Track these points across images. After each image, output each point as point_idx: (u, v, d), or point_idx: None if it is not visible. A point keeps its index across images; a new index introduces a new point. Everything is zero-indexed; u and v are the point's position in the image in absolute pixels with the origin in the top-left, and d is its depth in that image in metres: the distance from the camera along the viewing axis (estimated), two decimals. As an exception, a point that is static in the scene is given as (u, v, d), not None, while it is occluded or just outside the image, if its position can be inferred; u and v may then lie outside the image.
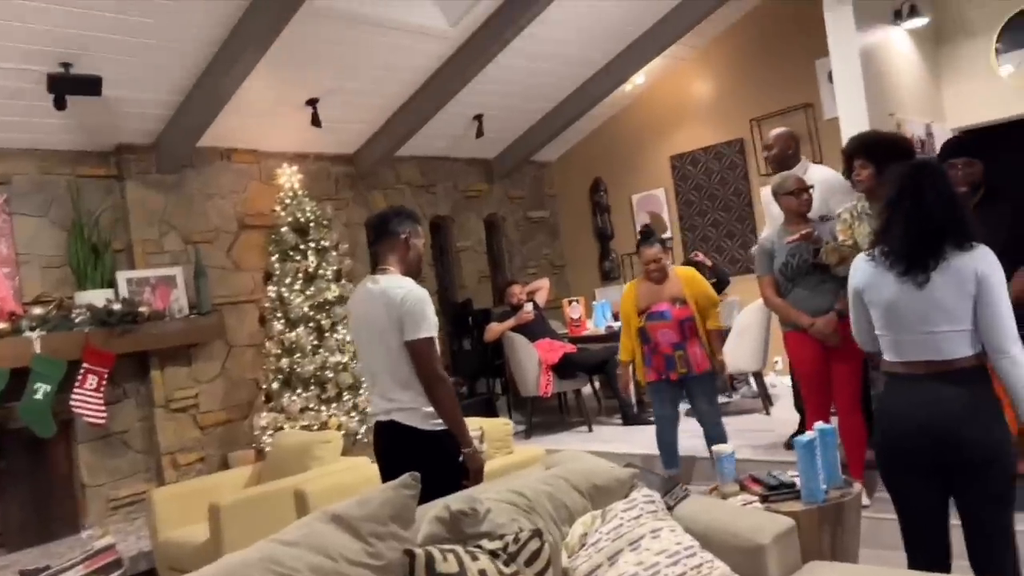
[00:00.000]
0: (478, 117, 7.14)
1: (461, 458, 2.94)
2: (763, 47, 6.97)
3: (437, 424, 2.94)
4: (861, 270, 2.49)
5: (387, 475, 2.94)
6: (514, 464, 3.85)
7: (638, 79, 7.40)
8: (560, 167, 8.78)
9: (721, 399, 5.53)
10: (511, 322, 6.38)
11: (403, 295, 2.89)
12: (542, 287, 7.02)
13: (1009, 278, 3.21)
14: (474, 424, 4.04)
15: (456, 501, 2.20)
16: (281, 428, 5.43)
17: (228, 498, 4.00)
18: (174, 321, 5.49)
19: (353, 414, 5.66)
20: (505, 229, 8.35)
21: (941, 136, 6.15)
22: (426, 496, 2.34)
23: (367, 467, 4.18)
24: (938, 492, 2.40)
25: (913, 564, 2.51)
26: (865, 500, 3.86)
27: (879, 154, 3.69)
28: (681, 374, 4.42)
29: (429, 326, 2.89)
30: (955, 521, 2.47)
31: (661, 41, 6.73)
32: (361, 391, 5.79)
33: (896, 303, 2.36)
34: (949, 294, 2.28)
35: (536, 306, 6.65)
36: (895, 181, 2.44)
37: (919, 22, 5.85)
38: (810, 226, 3.92)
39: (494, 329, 6.42)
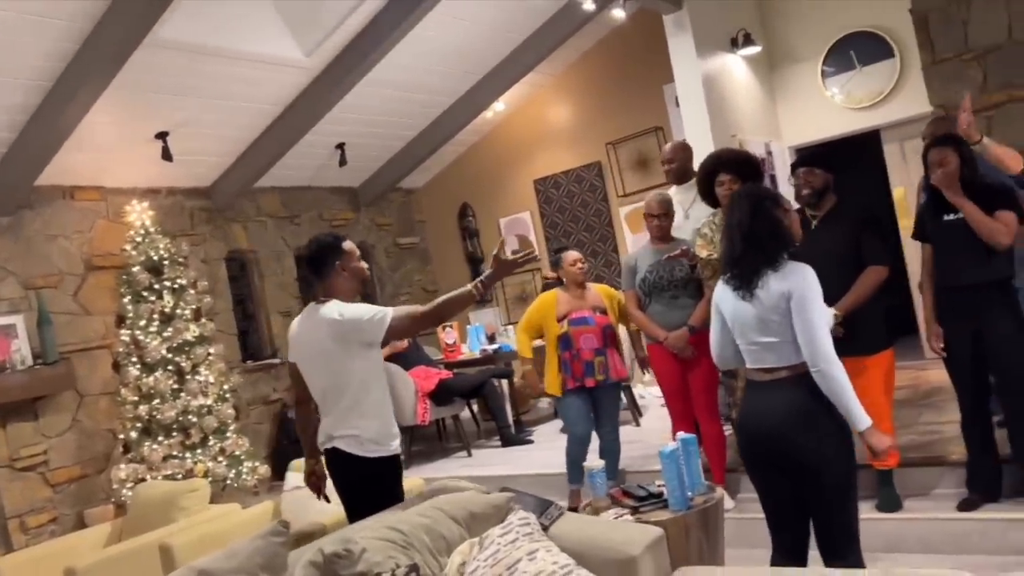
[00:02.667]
0: (340, 146, 7.07)
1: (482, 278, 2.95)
2: (615, 74, 7.27)
3: (377, 450, 2.99)
4: (719, 285, 2.70)
5: (343, 501, 3.12)
6: (392, 497, 3.80)
7: (498, 106, 7.56)
8: (428, 193, 8.80)
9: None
10: (385, 351, 6.27)
11: (339, 315, 2.95)
12: None
13: (833, 290, 3.50)
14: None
15: (329, 543, 2.16)
16: (143, 479, 5.13)
17: (86, 560, 3.73)
18: (15, 373, 5.09)
19: (221, 459, 5.43)
20: (375, 257, 8.27)
21: (779, 154, 6.63)
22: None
23: (238, 514, 4.02)
24: (789, 487, 2.57)
25: (776, 548, 2.71)
26: (730, 503, 4.07)
27: (742, 168, 3.98)
28: (599, 380, 4.36)
29: (375, 316, 2.91)
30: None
31: (518, 69, 6.91)
32: (228, 434, 5.56)
33: (736, 315, 2.59)
34: (767, 310, 2.49)
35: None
36: (728, 207, 2.66)
37: (753, 50, 6.29)
38: (684, 244, 4.12)
39: (367, 360, 6.31)
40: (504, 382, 6.56)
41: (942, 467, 3.83)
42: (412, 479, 4.67)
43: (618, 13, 5.54)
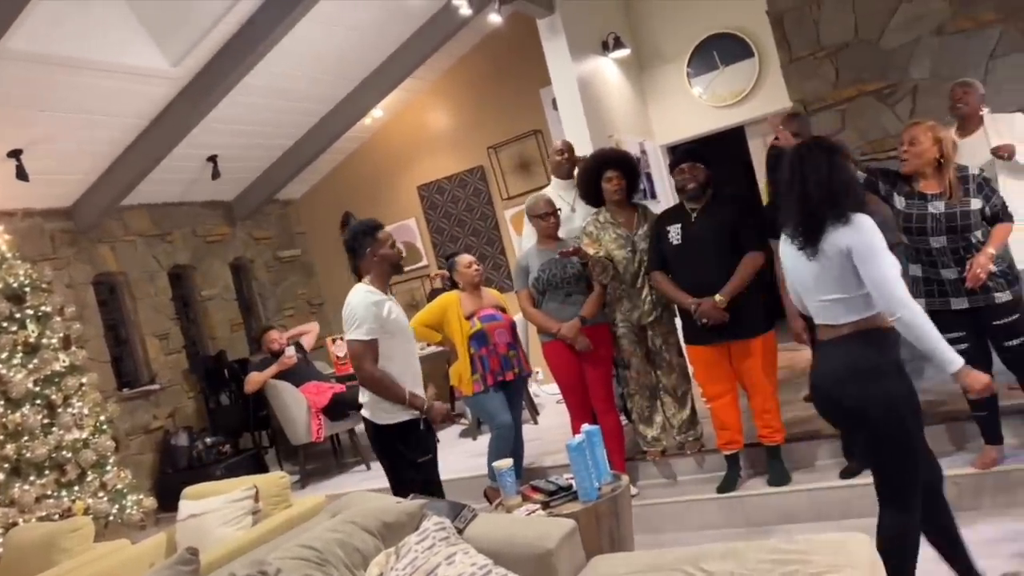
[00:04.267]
0: (212, 158, 6.80)
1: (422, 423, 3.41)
2: (492, 78, 7.34)
3: (385, 417, 3.36)
4: (782, 242, 2.63)
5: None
6: (296, 517, 3.67)
7: (377, 112, 7.47)
8: (307, 204, 8.59)
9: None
10: (273, 369, 6.11)
11: (348, 300, 3.42)
12: (310, 331, 6.79)
13: (715, 278, 3.71)
14: (247, 483, 3.85)
15: (241, 567, 2.07)
16: (14, 524, 4.73)
17: (-45, 618, 3.41)
18: None
19: (102, 494, 5.10)
20: (254, 272, 8.00)
21: (652, 152, 6.87)
22: (395, 486, 3.30)
23: (128, 550, 3.78)
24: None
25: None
26: (633, 490, 4.19)
27: (626, 165, 4.15)
28: (516, 373, 4.44)
29: (356, 329, 3.33)
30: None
31: (395, 75, 6.87)
32: (108, 467, 5.23)
33: (799, 274, 2.56)
34: (832, 266, 2.44)
35: (300, 349, 6.43)
36: (787, 165, 2.58)
37: (623, 52, 6.50)
38: (573, 242, 4.21)
39: (254, 379, 6.10)
40: (399, 391, 6.49)
41: (823, 440, 4.09)
42: (312, 497, 4.55)
43: (494, 17, 5.60)
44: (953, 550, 2.60)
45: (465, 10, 5.30)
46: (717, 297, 3.70)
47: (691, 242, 3.84)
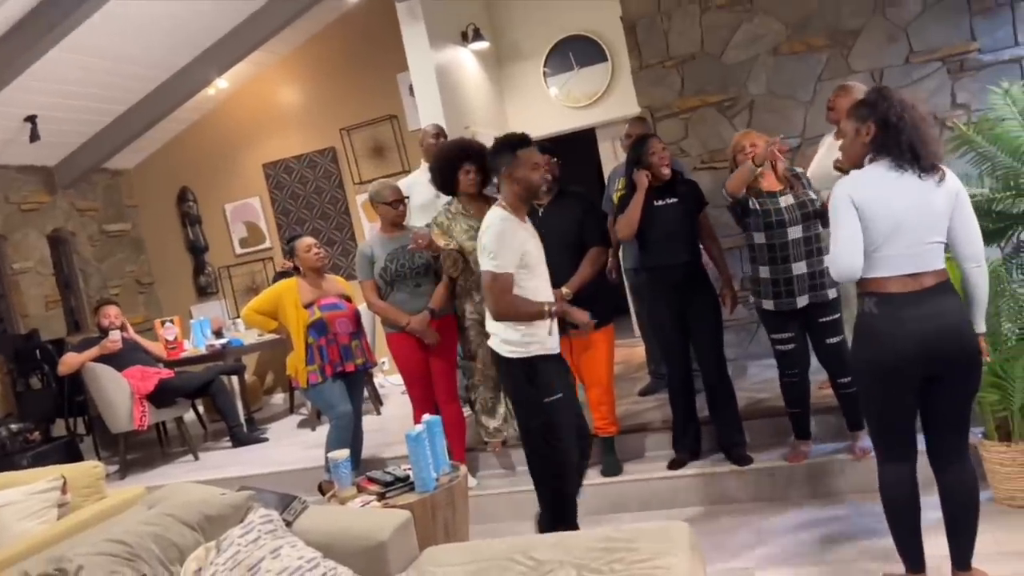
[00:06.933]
0: (31, 118, 6.18)
1: None
2: (347, 59, 7.12)
3: (511, 351, 3.12)
4: (869, 184, 2.43)
5: None
6: (109, 509, 3.38)
7: (221, 83, 7.07)
8: (140, 175, 8.01)
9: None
10: (93, 352, 5.63)
11: (481, 233, 3.13)
12: (151, 349, 6.19)
13: (563, 272, 3.78)
14: (53, 472, 3.53)
15: (36, 564, 1.88)
16: None
17: None
18: None
19: None
20: (76, 245, 7.36)
21: (508, 147, 6.92)
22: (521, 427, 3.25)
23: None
24: (917, 399, 2.49)
25: (888, 458, 2.58)
26: (472, 481, 4.20)
27: (482, 159, 4.08)
28: (357, 365, 4.36)
29: (489, 260, 3.03)
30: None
31: (242, 47, 6.49)
32: None
33: (905, 213, 2.37)
34: (943, 206, 2.39)
35: (126, 329, 5.98)
36: (881, 101, 2.44)
37: (481, 45, 6.51)
38: (419, 232, 4.13)
39: (69, 360, 5.60)
40: (234, 379, 6.19)
41: (652, 432, 4.26)
42: (129, 488, 4.24)
43: (351, -5, 5.44)
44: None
45: (321, -16, 5.11)
46: (564, 290, 3.76)
47: (542, 235, 3.88)
